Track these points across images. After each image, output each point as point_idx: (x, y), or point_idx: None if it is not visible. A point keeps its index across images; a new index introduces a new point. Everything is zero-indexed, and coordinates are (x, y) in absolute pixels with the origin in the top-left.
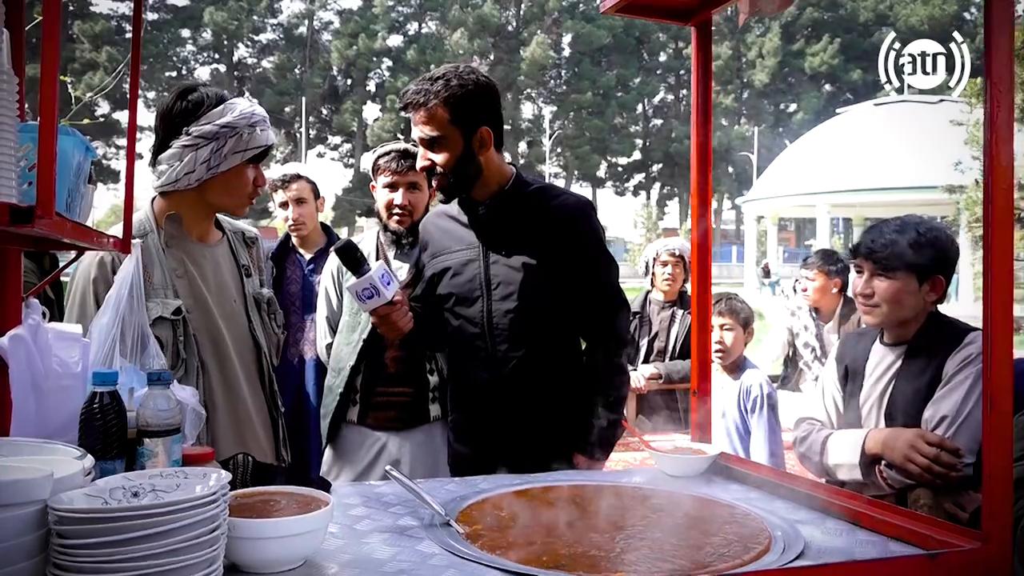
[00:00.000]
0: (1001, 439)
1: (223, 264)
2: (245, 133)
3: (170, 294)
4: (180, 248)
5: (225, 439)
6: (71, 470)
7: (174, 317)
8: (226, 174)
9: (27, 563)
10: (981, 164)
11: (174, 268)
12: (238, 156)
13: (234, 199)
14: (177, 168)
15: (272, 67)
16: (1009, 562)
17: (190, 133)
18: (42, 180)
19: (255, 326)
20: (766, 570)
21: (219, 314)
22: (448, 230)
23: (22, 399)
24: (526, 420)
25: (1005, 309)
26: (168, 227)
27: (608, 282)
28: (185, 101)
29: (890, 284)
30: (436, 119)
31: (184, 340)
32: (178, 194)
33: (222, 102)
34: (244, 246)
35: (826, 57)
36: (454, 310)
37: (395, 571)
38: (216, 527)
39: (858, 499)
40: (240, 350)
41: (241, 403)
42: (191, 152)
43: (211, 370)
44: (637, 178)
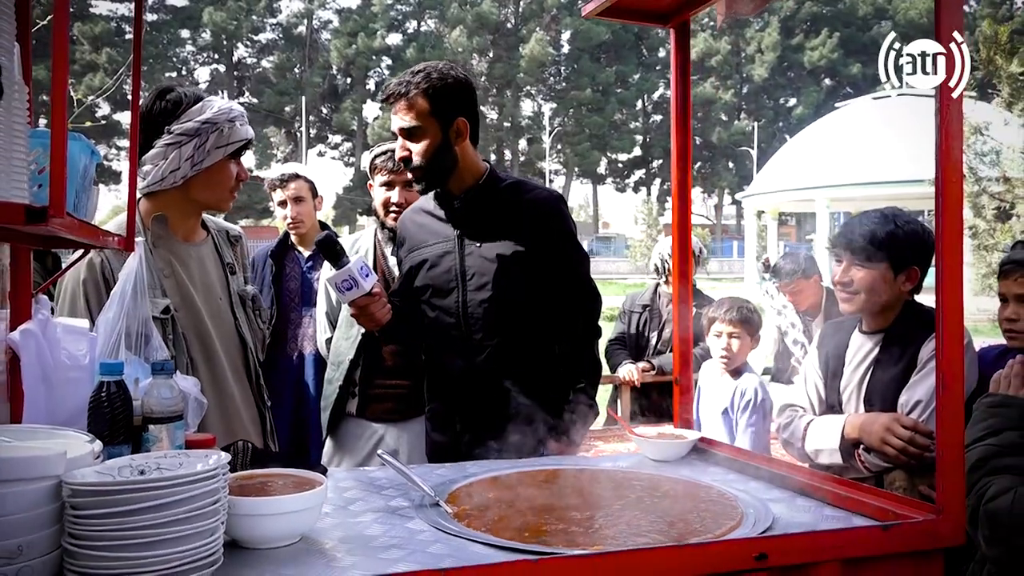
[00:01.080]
0: (952, 417)
1: (208, 263)
2: (225, 128)
3: (158, 293)
4: (167, 248)
5: (214, 432)
6: (82, 451)
7: (163, 316)
8: (209, 170)
9: (44, 532)
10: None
11: (161, 268)
12: (220, 151)
13: (217, 194)
14: (162, 167)
15: (272, 67)
16: (961, 532)
17: (172, 131)
18: (54, 182)
19: (240, 323)
20: (733, 539)
21: (206, 312)
22: (424, 224)
23: (33, 390)
24: (500, 408)
25: (955, 296)
26: (155, 228)
27: (580, 273)
28: (164, 101)
29: (867, 273)
30: (415, 109)
31: (173, 338)
32: (163, 194)
33: (199, 100)
34: (228, 244)
35: (825, 51)
36: (430, 301)
37: (385, 546)
38: (216, 500)
39: (828, 479)
40: (227, 346)
41: (229, 398)
42: (175, 150)
43: (199, 366)
44: (637, 174)
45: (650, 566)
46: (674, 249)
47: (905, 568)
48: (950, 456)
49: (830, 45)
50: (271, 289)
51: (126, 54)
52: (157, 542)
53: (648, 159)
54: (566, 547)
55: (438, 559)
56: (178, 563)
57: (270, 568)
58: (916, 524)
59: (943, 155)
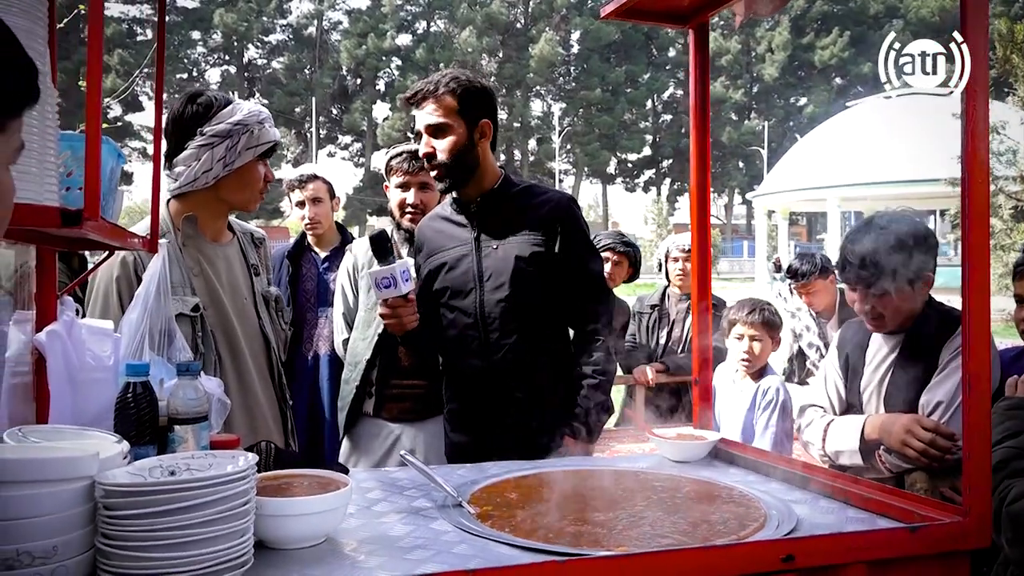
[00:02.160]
0: (980, 419)
1: (234, 263)
2: (255, 130)
3: (188, 292)
4: (196, 248)
5: (239, 430)
6: (112, 452)
7: (192, 314)
8: (239, 170)
9: (78, 532)
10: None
11: (191, 267)
12: (250, 152)
13: (246, 195)
14: (195, 167)
15: (282, 68)
16: (987, 534)
17: (205, 133)
18: (89, 186)
19: (264, 322)
20: (759, 541)
21: (232, 311)
22: (441, 230)
23: (59, 391)
24: (518, 407)
25: (981, 296)
26: (185, 227)
27: (593, 272)
28: (195, 105)
29: (887, 300)
30: (444, 107)
31: (202, 335)
32: (193, 195)
33: (229, 103)
34: (252, 246)
35: (836, 50)
36: (448, 303)
37: (411, 547)
38: (247, 501)
39: (850, 480)
40: (251, 345)
41: (253, 396)
42: (208, 151)
43: (226, 364)
44: (647, 174)
45: (677, 568)
46: (693, 249)
47: (932, 570)
48: (977, 458)
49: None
50: (287, 290)
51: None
52: (190, 543)
53: (658, 159)
54: (591, 548)
55: (465, 560)
56: (210, 563)
57: (296, 568)
58: (943, 526)
59: (969, 156)
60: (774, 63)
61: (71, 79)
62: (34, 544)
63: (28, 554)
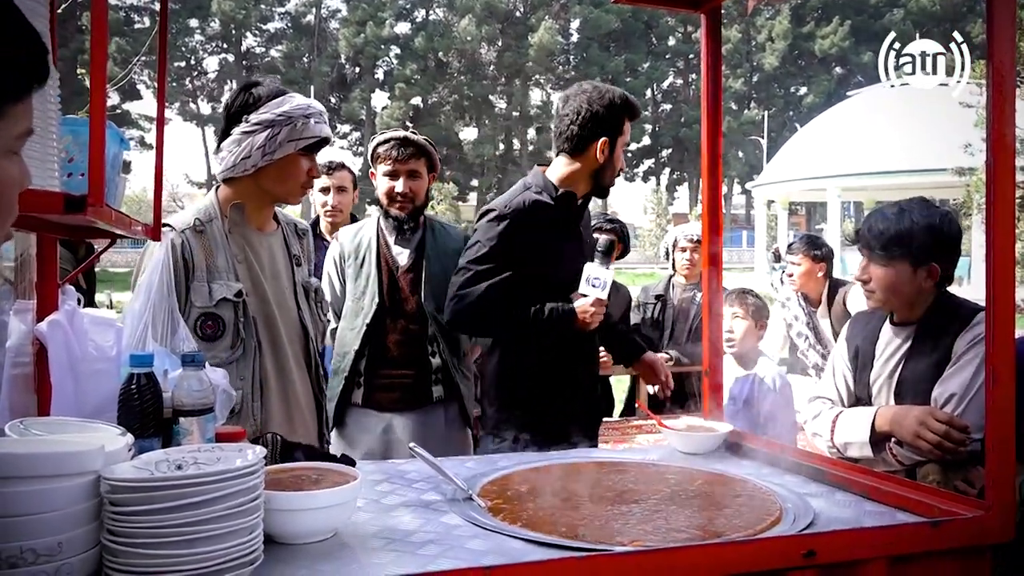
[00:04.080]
0: (1003, 412)
1: (277, 253)
2: (299, 123)
3: (231, 277)
4: (241, 235)
5: (276, 418)
6: (117, 445)
7: (236, 299)
8: (280, 162)
9: (84, 528)
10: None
11: (235, 253)
12: (291, 145)
13: (287, 187)
14: (236, 153)
15: (280, 56)
16: (1010, 528)
17: (249, 120)
18: (93, 172)
19: (304, 313)
20: (780, 536)
21: (273, 299)
22: (547, 220)
23: (61, 381)
24: (594, 387)
25: (1007, 287)
26: (232, 214)
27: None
28: (247, 94)
29: (885, 272)
30: None
31: (244, 321)
32: (238, 182)
33: (281, 94)
34: (296, 237)
35: (836, 39)
36: (560, 295)
37: (423, 541)
38: (256, 496)
39: (866, 473)
40: (290, 335)
41: (291, 385)
42: (248, 138)
43: (265, 352)
44: (647, 164)
45: (698, 563)
46: (704, 238)
47: (953, 565)
48: (999, 451)
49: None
50: None
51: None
52: (198, 539)
53: (657, 148)
54: (604, 542)
55: (479, 556)
56: (220, 560)
57: (306, 564)
58: (965, 520)
59: (995, 142)
60: (774, 52)
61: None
62: (38, 541)
63: (32, 551)
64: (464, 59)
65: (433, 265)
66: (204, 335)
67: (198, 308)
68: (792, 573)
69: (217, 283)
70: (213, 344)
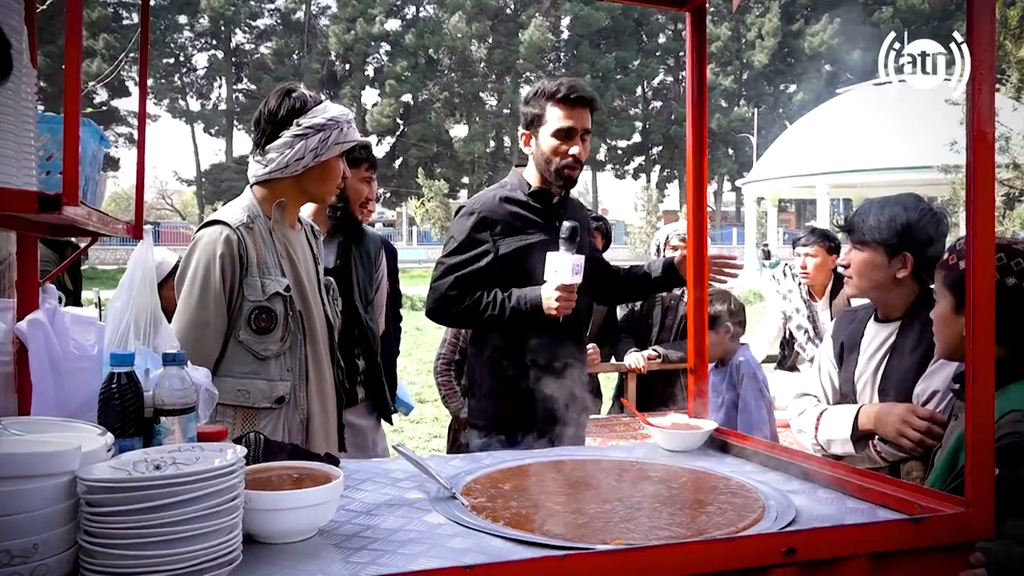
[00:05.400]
0: (983, 409)
1: (306, 251)
2: (345, 127)
3: (279, 273)
4: (281, 232)
5: (313, 408)
6: (95, 445)
7: (286, 293)
8: (324, 164)
9: (60, 529)
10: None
11: (279, 250)
12: (338, 147)
13: (326, 187)
14: (288, 155)
15: (270, 53)
16: (991, 525)
17: (301, 124)
18: (68, 169)
19: (327, 308)
20: (761, 534)
21: (309, 295)
22: (518, 213)
23: (41, 381)
24: (579, 379)
25: (986, 285)
26: (275, 212)
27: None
28: (291, 99)
29: (860, 257)
30: (593, 117)
31: (292, 315)
32: (277, 183)
33: (321, 102)
34: (314, 236)
35: (826, 37)
36: (531, 285)
37: (405, 540)
38: (235, 496)
39: (848, 470)
40: (321, 329)
41: (324, 377)
42: (301, 141)
43: (307, 345)
44: (637, 161)
45: (678, 562)
46: (689, 236)
47: (935, 562)
48: (979, 448)
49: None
50: None
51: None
52: (176, 540)
53: (648, 146)
54: (587, 541)
55: (460, 554)
56: (197, 561)
57: (287, 563)
58: (947, 517)
59: (976, 138)
60: (764, 50)
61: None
62: (13, 542)
63: (7, 552)
64: (455, 56)
65: (359, 267)
66: (258, 328)
67: (251, 302)
68: (773, 571)
69: (268, 278)
70: (266, 336)
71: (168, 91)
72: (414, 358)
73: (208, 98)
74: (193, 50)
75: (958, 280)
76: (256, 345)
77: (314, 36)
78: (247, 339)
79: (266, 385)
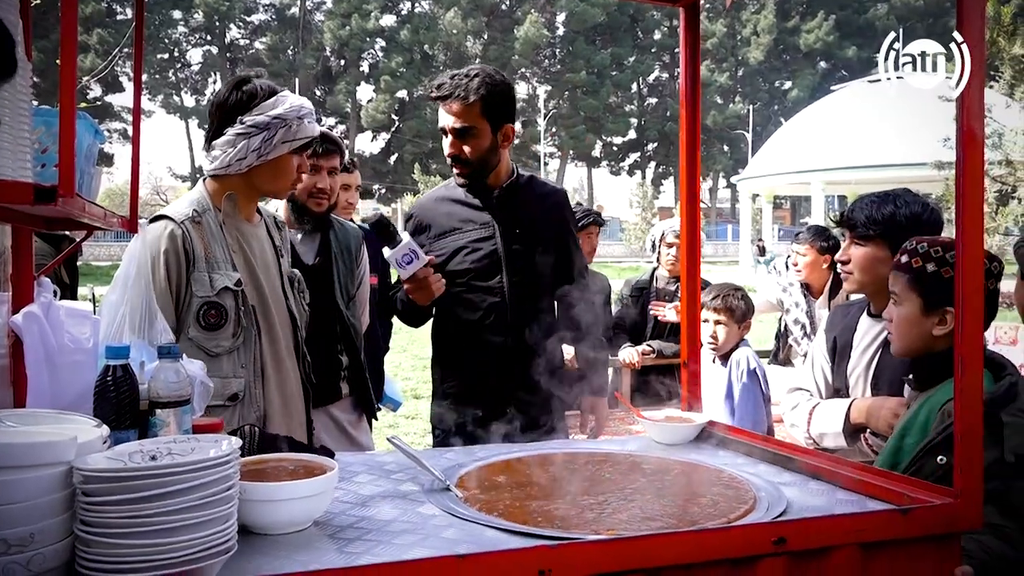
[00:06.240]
0: (971, 400)
1: (265, 244)
2: (294, 125)
3: (229, 267)
4: (234, 226)
5: (273, 404)
6: (91, 437)
7: (236, 288)
8: (273, 161)
9: (56, 519)
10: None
11: (230, 244)
12: (286, 146)
13: (278, 185)
14: (230, 154)
15: (265, 48)
16: (979, 515)
17: (244, 122)
18: (63, 162)
19: (291, 302)
20: (751, 524)
21: (267, 289)
22: (454, 212)
23: (36, 374)
24: (535, 380)
25: (975, 278)
26: (225, 206)
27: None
28: (240, 92)
29: (863, 252)
30: (471, 112)
31: (244, 310)
32: (228, 178)
33: (274, 94)
34: (276, 229)
35: (821, 34)
36: (470, 283)
37: (399, 531)
38: (230, 486)
39: (839, 462)
40: (282, 324)
41: (285, 372)
42: (243, 140)
43: (263, 340)
44: (632, 157)
45: (669, 551)
46: (683, 230)
47: (923, 552)
48: (968, 439)
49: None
50: None
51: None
52: (171, 529)
53: (643, 142)
54: (579, 531)
55: (453, 544)
56: (193, 550)
57: (282, 554)
58: (935, 508)
59: (965, 135)
60: (759, 46)
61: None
62: (9, 532)
63: (3, 542)
64: (450, 52)
65: (340, 264)
66: (207, 324)
67: (200, 297)
68: (763, 560)
69: (217, 273)
70: (216, 333)
71: (163, 87)
72: (409, 354)
73: (203, 94)
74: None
75: (928, 281)
76: (206, 342)
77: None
78: (196, 336)
79: (219, 383)
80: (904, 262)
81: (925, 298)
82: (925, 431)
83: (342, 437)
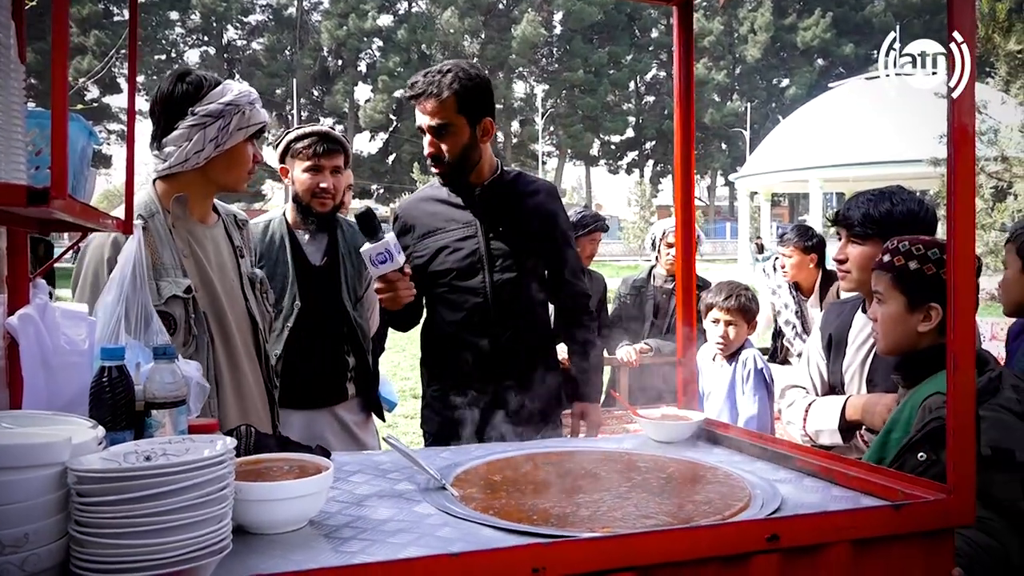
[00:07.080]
0: (964, 397)
1: (221, 245)
2: (247, 110)
3: (179, 273)
4: (185, 229)
5: (230, 411)
6: (86, 438)
7: (185, 295)
8: (229, 151)
9: (50, 520)
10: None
11: (181, 248)
12: (241, 132)
13: (236, 175)
14: (187, 148)
15: (262, 49)
16: (972, 511)
17: (196, 113)
18: (56, 163)
19: (251, 304)
20: (744, 520)
21: (222, 292)
22: (437, 212)
23: (32, 375)
24: (522, 382)
25: (966, 275)
26: (175, 208)
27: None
28: (185, 84)
29: (861, 251)
30: (446, 109)
31: (195, 317)
32: (181, 176)
33: (219, 83)
34: (236, 228)
35: (818, 31)
36: (452, 283)
37: (394, 530)
38: (224, 486)
39: (834, 459)
40: (240, 327)
41: (243, 377)
42: (200, 131)
43: (217, 346)
44: (630, 156)
45: (662, 548)
46: (677, 229)
47: (916, 548)
48: (961, 435)
49: (823, 25)
50: None
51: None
52: (166, 529)
53: (641, 140)
54: (575, 529)
55: (448, 543)
56: (187, 550)
57: (278, 553)
58: (928, 504)
59: (957, 131)
60: (756, 44)
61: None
62: (4, 532)
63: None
64: (447, 52)
65: (347, 264)
66: None
67: None
68: (757, 557)
69: (165, 280)
70: None
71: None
72: (408, 354)
73: None
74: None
75: (912, 279)
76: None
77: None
78: None
79: None
80: (887, 261)
81: (909, 296)
82: (909, 427)
83: (348, 438)
